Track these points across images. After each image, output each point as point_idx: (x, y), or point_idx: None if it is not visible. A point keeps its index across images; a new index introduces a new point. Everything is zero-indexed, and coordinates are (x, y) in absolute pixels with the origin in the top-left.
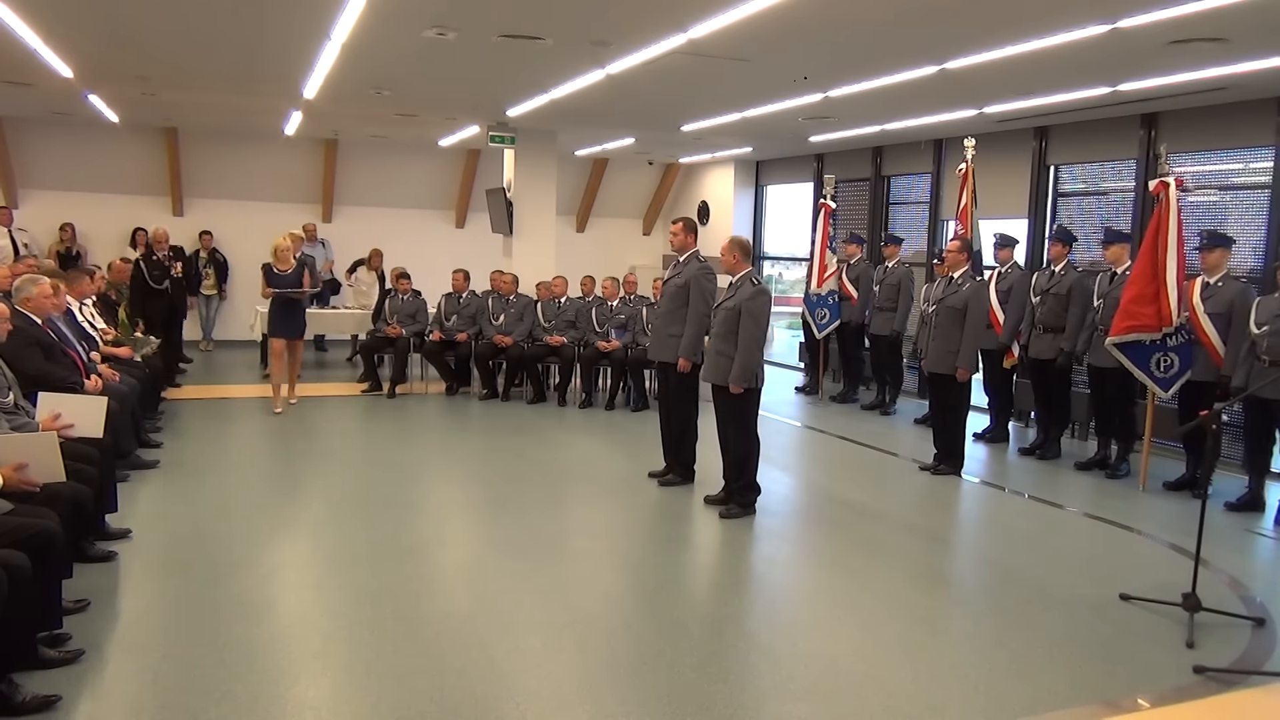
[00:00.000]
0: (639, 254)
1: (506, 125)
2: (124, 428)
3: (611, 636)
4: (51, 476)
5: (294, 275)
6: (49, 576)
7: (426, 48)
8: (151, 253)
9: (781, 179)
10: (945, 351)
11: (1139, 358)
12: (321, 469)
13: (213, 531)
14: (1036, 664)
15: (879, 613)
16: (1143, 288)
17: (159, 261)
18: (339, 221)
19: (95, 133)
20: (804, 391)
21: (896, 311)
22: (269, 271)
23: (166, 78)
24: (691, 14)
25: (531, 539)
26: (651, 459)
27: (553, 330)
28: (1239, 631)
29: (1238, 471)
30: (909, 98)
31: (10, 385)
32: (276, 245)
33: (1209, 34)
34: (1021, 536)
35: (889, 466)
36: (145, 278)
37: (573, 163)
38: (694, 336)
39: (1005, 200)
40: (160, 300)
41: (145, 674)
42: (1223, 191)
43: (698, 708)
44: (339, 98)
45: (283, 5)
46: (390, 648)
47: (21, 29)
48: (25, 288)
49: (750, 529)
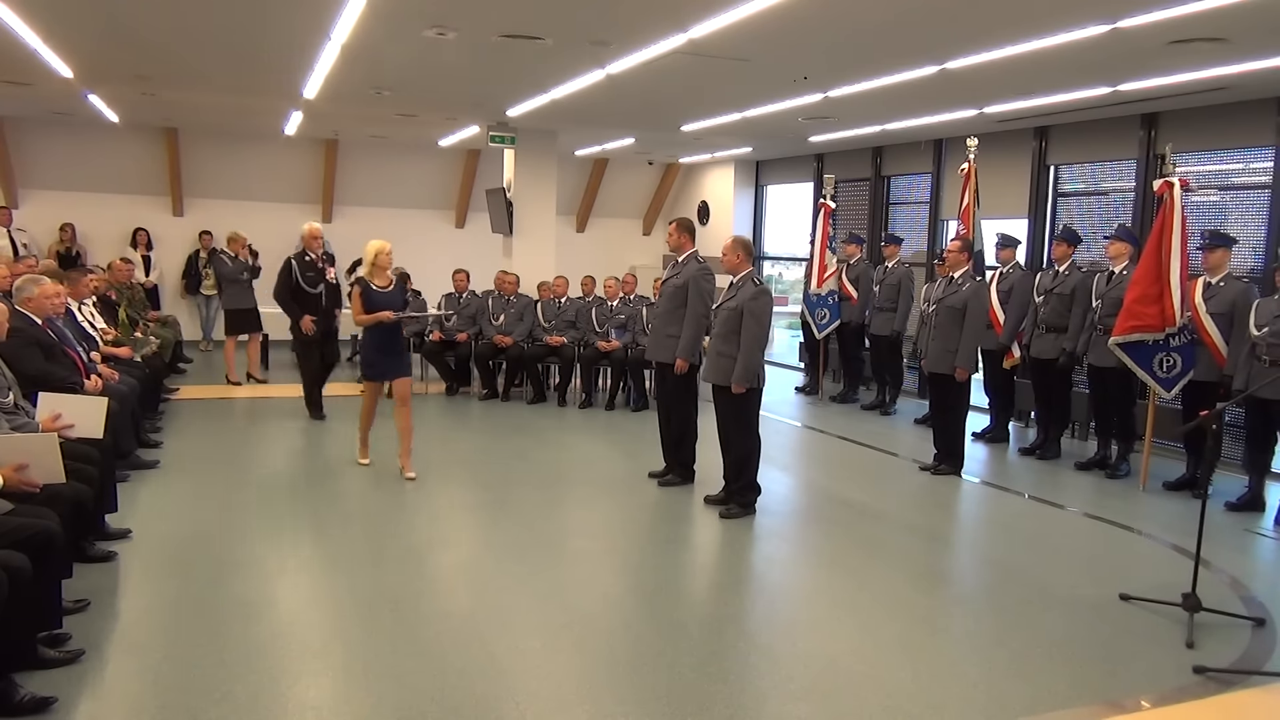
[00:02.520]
0: (639, 254)
1: (506, 125)
2: (124, 428)
3: (611, 637)
4: (51, 477)
5: (398, 292)
6: (49, 577)
7: (426, 48)
8: (305, 252)
9: (781, 179)
10: (945, 351)
11: (1142, 358)
12: (321, 469)
13: (213, 531)
14: (1036, 664)
15: (879, 612)
16: (1146, 288)
17: (312, 263)
18: (339, 221)
19: (95, 133)
20: (804, 391)
21: (896, 311)
22: (368, 289)
23: (166, 78)
24: (691, 14)
25: (531, 539)
26: (651, 459)
27: (553, 330)
28: (1239, 631)
29: (1238, 471)
30: (909, 98)
31: (10, 385)
32: (376, 251)
33: (1209, 34)
34: (1021, 536)
35: (889, 466)
36: (299, 280)
37: (573, 163)
38: (692, 337)
39: (1005, 200)
40: (313, 309)
41: (145, 674)
42: (1223, 191)
43: (698, 708)
44: (339, 98)
45: (283, 5)
46: (390, 648)
47: (21, 29)
48: (26, 288)
49: (750, 529)
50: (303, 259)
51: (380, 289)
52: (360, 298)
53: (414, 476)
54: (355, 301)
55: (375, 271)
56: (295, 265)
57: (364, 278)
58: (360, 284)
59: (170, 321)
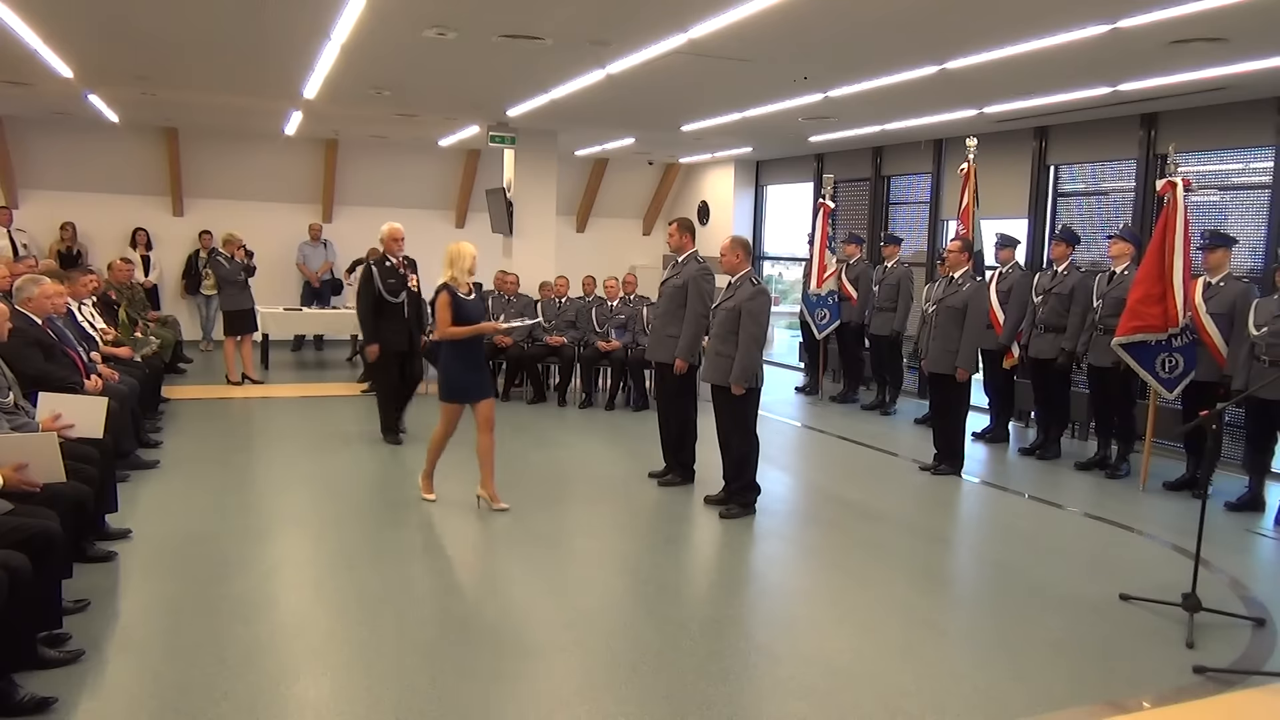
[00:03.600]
0: (639, 254)
1: (506, 125)
2: (124, 428)
3: (611, 637)
4: (52, 476)
5: (480, 300)
6: (49, 577)
7: (426, 48)
8: (385, 257)
9: (781, 179)
10: (945, 351)
11: (1144, 358)
12: (321, 469)
13: (213, 531)
14: (1036, 664)
15: (879, 613)
16: (1150, 288)
17: (393, 268)
18: (339, 221)
19: (95, 133)
20: (804, 391)
21: (896, 311)
22: (457, 297)
23: (166, 78)
24: (691, 14)
25: (531, 539)
26: (651, 459)
27: (553, 330)
28: (1239, 631)
29: (1238, 471)
30: (909, 98)
31: (10, 385)
32: (462, 254)
33: (1209, 34)
34: (1021, 536)
35: (889, 466)
36: (380, 289)
37: (573, 163)
38: (691, 338)
39: (1005, 200)
40: (396, 321)
41: (145, 674)
42: (1223, 191)
43: (698, 708)
44: (339, 98)
45: (283, 5)
46: (390, 648)
47: (21, 29)
48: (26, 287)
49: (750, 529)
50: (383, 264)
51: (464, 297)
52: (450, 307)
53: (507, 507)
54: (443, 311)
55: (462, 277)
56: (376, 272)
57: (450, 284)
58: (448, 291)
59: (170, 321)
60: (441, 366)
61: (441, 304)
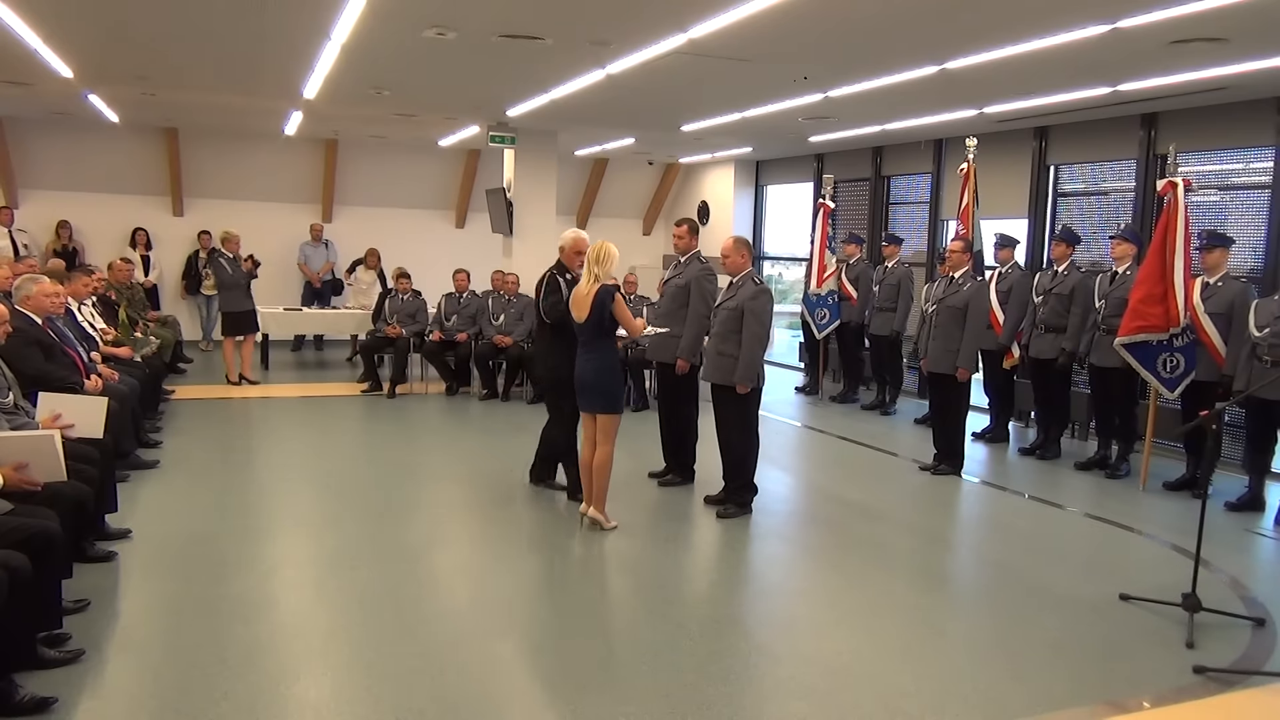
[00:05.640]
0: (639, 254)
1: (506, 125)
2: (124, 428)
3: (611, 636)
4: (52, 475)
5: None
6: (49, 577)
7: (426, 48)
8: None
9: (781, 179)
10: (945, 351)
11: (1146, 358)
12: (322, 469)
13: (213, 531)
14: (1036, 664)
15: (879, 612)
16: (1151, 288)
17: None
18: (339, 221)
19: (95, 133)
20: (804, 391)
21: (896, 311)
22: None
23: (166, 78)
24: (691, 14)
25: (531, 538)
26: (651, 459)
27: None
28: (1239, 631)
29: (1238, 471)
30: (909, 98)
31: (10, 385)
32: (611, 255)
33: (1209, 34)
34: (1021, 536)
35: (889, 466)
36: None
37: (573, 163)
38: (693, 338)
39: (1005, 200)
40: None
41: (145, 674)
42: (1223, 191)
43: (697, 708)
44: (339, 98)
45: (283, 5)
46: (390, 647)
47: (21, 29)
48: (24, 286)
49: (750, 529)
50: (564, 275)
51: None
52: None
53: (615, 525)
54: (623, 309)
55: (604, 278)
56: (563, 285)
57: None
58: (620, 293)
59: (170, 321)
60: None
61: (622, 305)
